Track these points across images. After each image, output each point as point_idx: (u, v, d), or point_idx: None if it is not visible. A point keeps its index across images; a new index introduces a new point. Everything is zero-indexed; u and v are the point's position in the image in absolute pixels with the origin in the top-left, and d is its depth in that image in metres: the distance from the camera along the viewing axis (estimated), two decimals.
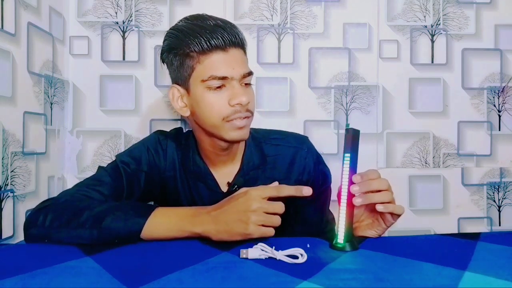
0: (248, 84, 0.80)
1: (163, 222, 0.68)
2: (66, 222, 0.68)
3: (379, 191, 0.67)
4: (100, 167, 0.86)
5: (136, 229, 0.67)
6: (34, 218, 0.70)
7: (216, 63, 0.76)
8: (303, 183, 0.90)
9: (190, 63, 0.77)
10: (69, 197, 0.75)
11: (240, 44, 0.79)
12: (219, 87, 0.76)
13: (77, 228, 0.67)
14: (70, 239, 0.67)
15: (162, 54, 0.82)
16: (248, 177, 0.86)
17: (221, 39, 0.75)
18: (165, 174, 0.88)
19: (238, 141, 0.83)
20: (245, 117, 0.78)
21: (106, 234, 0.66)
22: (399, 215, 0.69)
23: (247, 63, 0.81)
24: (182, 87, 0.80)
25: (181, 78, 0.80)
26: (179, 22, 0.80)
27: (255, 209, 0.65)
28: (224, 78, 0.76)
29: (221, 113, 0.77)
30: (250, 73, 0.79)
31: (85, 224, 0.67)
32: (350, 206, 0.65)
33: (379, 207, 0.66)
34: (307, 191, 0.68)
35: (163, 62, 0.83)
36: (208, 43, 0.75)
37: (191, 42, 0.76)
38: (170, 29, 0.81)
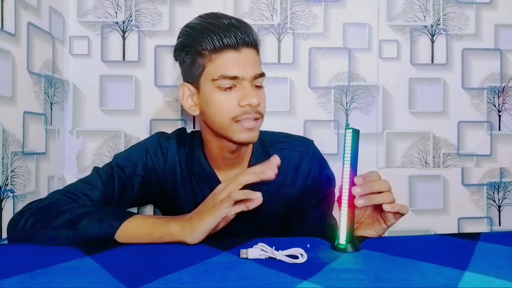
0: (259, 87, 0.79)
1: (139, 224, 0.67)
2: (46, 224, 0.68)
3: (380, 192, 0.67)
4: (94, 169, 0.85)
5: (110, 231, 0.66)
6: (16, 222, 0.71)
7: (228, 62, 0.74)
8: (308, 187, 0.89)
9: (201, 61, 0.76)
10: (54, 200, 0.75)
11: (253, 44, 0.77)
12: (229, 87, 0.75)
13: (56, 229, 0.67)
14: (48, 240, 0.67)
15: (174, 51, 0.81)
16: None
17: (234, 38, 0.74)
18: (164, 178, 0.87)
19: (246, 144, 0.81)
20: (255, 119, 0.77)
21: (81, 235, 0.66)
22: (403, 215, 0.69)
23: (260, 64, 0.80)
24: (193, 85, 0.79)
25: (192, 76, 0.78)
26: (193, 20, 0.79)
27: (217, 191, 0.67)
28: (235, 78, 0.74)
29: (230, 113, 0.75)
30: (262, 75, 0.78)
31: (63, 226, 0.67)
32: (352, 207, 0.64)
33: (386, 207, 0.66)
34: (274, 161, 0.68)
35: (175, 59, 0.82)
36: (220, 42, 0.73)
37: (203, 40, 0.74)
38: (184, 26, 0.80)
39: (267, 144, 0.89)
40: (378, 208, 0.70)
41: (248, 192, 0.64)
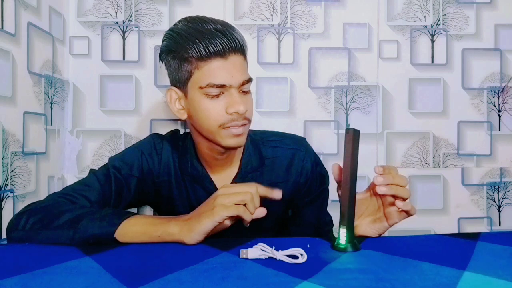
0: (246, 92, 0.79)
1: (139, 223, 0.67)
2: (46, 224, 0.68)
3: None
4: (91, 171, 0.85)
5: (110, 229, 0.66)
6: (16, 222, 0.71)
7: (215, 70, 0.74)
8: (301, 185, 0.89)
9: (188, 67, 0.76)
10: (53, 202, 0.75)
11: (240, 49, 0.76)
12: (217, 95, 0.75)
13: (56, 229, 0.67)
14: (49, 239, 0.67)
15: (160, 54, 0.81)
16: (246, 179, 0.86)
17: (220, 46, 0.73)
18: (159, 179, 0.87)
19: (234, 148, 0.82)
20: (242, 125, 0.77)
21: (82, 234, 0.66)
22: (410, 215, 0.69)
23: (247, 69, 0.80)
24: (180, 89, 0.79)
25: (179, 81, 0.78)
26: (178, 24, 0.78)
27: (220, 194, 0.66)
28: (222, 86, 0.74)
29: (218, 120, 0.76)
30: (249, 80, 0.78)
31: (64, 225, 0.67)
32: (352, 207, 0.64)
33: (399, 204, 0.66)
34: (277, 194, 0.69)
35: (161, 61, 0.82)
36: (206, 50, 0.73)
37: (189, 48, 0.74)
38: (169, 30, 0.79)
39: (259, 142, 0.89)
40: (381, 205, 0.70)
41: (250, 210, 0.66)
